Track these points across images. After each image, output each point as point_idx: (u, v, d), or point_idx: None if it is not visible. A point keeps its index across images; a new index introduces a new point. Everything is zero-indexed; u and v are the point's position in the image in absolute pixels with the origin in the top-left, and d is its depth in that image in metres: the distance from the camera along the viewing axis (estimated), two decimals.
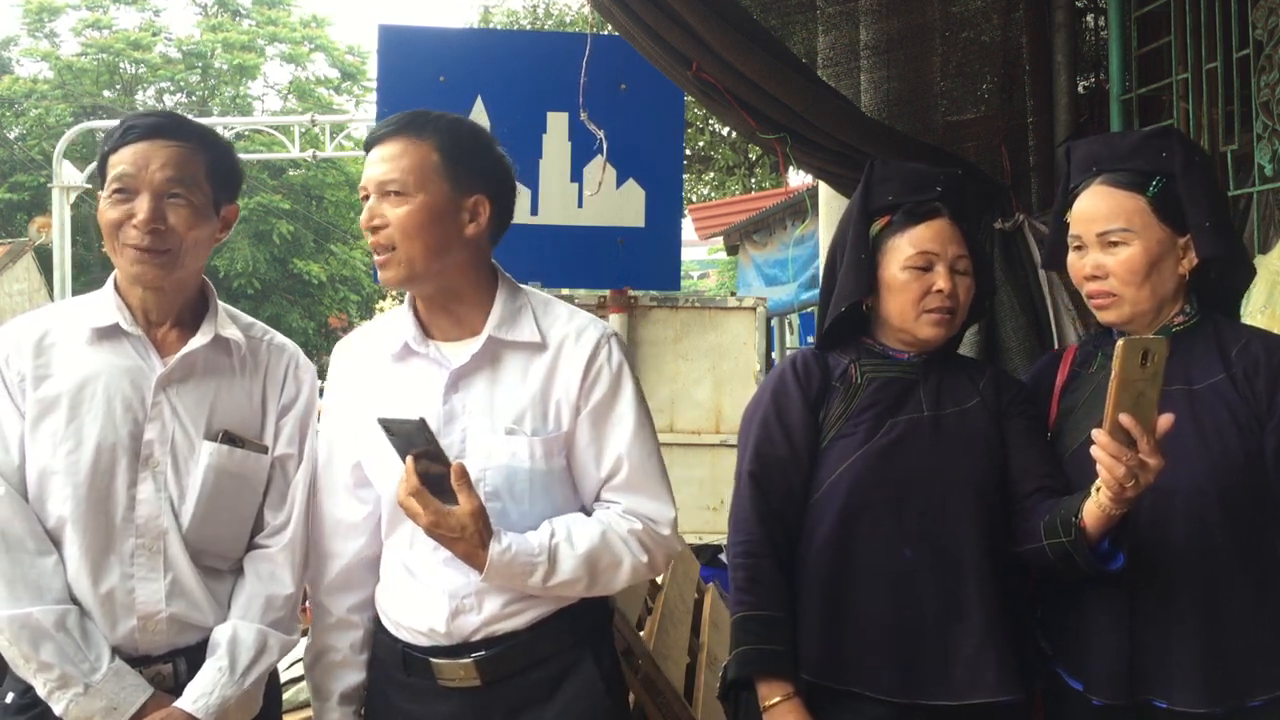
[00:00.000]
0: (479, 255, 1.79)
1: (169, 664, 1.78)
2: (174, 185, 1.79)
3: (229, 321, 1.91)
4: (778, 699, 1.78)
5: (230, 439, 1.83)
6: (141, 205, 1.77)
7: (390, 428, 1.59)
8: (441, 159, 1.71)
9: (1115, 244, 1.78)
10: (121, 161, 1.79)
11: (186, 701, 1.73)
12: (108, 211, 1.80)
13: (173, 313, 1.86)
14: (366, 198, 1.73)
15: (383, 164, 1.71)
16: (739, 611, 1.85)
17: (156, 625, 1.77)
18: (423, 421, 1.56)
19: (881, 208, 1.92)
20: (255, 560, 1.86)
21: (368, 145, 1.76)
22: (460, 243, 1.74)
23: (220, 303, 1.93)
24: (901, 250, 1.88)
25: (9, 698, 1.75)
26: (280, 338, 2.00)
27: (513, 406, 1.73)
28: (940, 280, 1.86)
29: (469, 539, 1.61)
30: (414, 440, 1.58)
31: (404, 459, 1.61)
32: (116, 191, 1.79)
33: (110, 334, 1.82)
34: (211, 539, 1.82)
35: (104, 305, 1.84)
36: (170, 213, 1.79)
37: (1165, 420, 1.56)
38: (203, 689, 1.75)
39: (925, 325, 1.87)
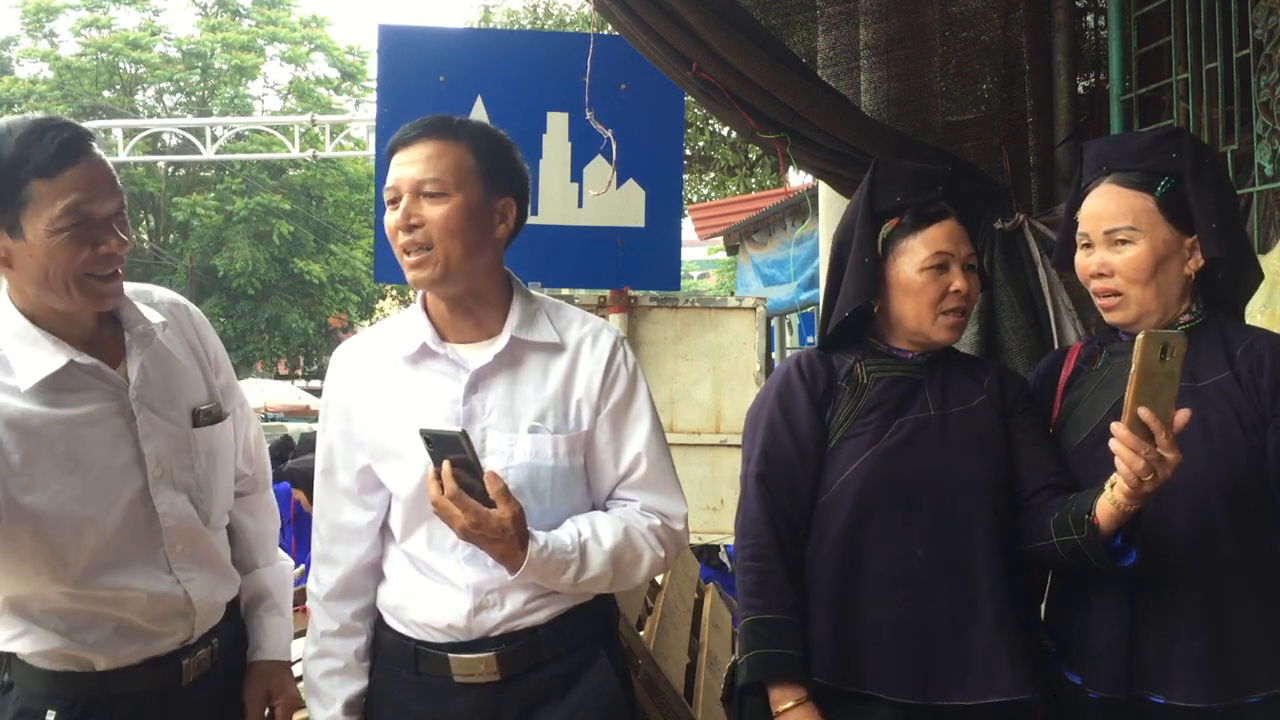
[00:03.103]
0: (500, 257, 1.81)
1: (207, 646, 1.83)
2: (120, 205, 1.67)
3: (140, 303, 1.81)
4: (790, 704, 1.77)
5: (207, 416, 1.86)
6: (105, 232, 1.64)
7: (430, 438, 1.60)
8: (477, 161, 1.73)
9: (1122, 243, 1.79)
10: (68, 190, 1.59)
11: (272, 653, 1.91)
12: (61, 251, 1.60)
13: (94, 319, 1.75)
14: (394, 200, 1.73)
15: (419, 164, 1.71)
16: (748, 615, 1.84)
17: (213, 612, 1.85)
18: (464, 433, 1.58)
19: (889, 209, 1.92)
20: (247, 506, 2.01)
21: (394, 147, 1.75)
22: (491, 244, 1.76)
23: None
24: (916, 252, 1.88)
25: (50, 716, 1.70)
26: (168, 293, 1.92)
27: (534, 406, 1.75)
28: (957, 280, 1.86)
29: (508, 541, 1.63)
30: (451, 450, 1.60)
31: (438, 466, 1.62)
32: (76, 225, 1.60)
33: (64, 377, 1.67)
34: (220, 510, 1.90)
35: (38, 350, 1.66)
36: (121, 230, 1.68)
37: (1182, 415, 1.57)
38: (277, 637, 1.92)
39: (942, 328, 1.88)
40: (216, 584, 1.84)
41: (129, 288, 1.80)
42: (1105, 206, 1.82)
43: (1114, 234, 1.80)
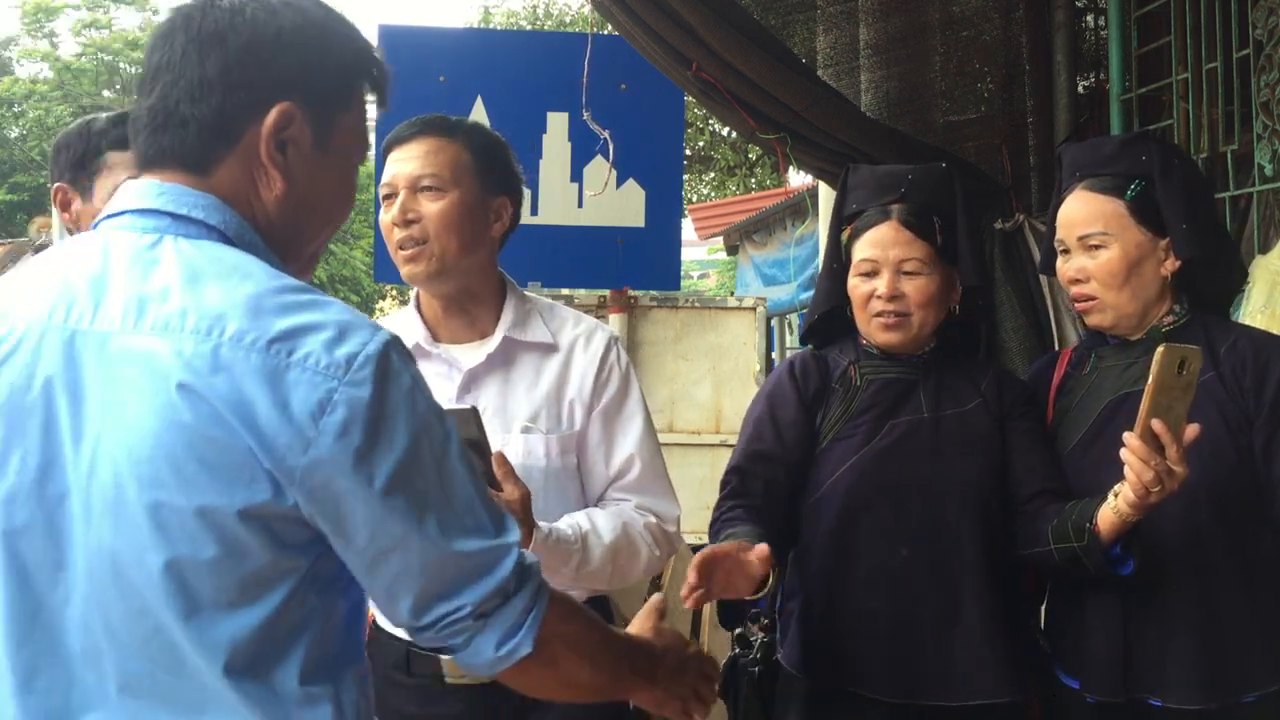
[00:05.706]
0: (494, 257, 1.82)
1: None
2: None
3: None
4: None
5: None
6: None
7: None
8: (473, 159, 1.75)
9: (1095, 247, 1.80)
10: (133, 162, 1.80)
11: None
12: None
13: None
14: (390, 196, 1.74)
15: (416, 160, 1.72)
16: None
17: None
18: (475, 410, 1.57)
19: (850, 215, 1.95)
20: None
21: (390, 144, 1.77)
22: (486, 242, 1.78)
23: None
24: (854, 258, 1.90)
25: None
26: None
27: (526, 406, 1.75)
28: (880, 284, 1.86)
29: None
30: (459, 429, 1.59)
31: None
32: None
33: None
34: None
35: None
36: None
37: (1193, 429, 1.57)
38: None
39: (877, 330, 1.88)
40: None
41: None
42: (1078, 212, 1.83)
43: (1087, 239, 1.81)
